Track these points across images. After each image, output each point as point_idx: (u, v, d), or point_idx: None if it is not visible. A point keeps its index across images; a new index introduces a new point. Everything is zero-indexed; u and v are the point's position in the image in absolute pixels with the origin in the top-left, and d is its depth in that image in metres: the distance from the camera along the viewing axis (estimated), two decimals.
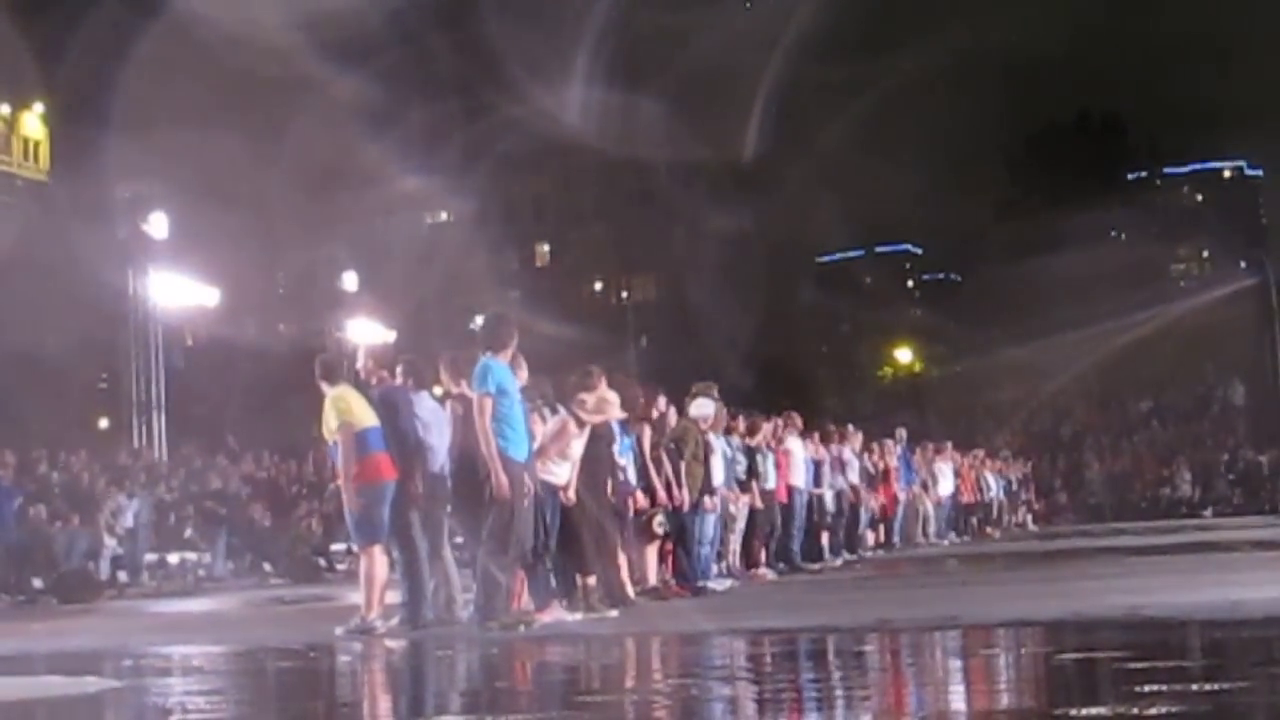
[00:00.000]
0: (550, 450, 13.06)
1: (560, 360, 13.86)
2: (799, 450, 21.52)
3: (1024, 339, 55.75)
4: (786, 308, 69.05)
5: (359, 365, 13.94)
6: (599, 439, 13.97)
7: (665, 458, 16.24)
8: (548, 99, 52.36)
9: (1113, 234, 78.02)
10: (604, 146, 54.38)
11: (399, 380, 13.40)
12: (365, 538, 12.83)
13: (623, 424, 14.94)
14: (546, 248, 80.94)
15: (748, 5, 67.42)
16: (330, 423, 12.72)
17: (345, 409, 12.69)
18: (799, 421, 21.98)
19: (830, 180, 66.55)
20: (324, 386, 12.93)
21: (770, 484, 20.18)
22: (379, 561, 12.77)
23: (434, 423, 13.15)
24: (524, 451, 12.31)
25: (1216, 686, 6.89)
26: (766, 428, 20.36)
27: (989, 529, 34.91)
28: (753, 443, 19.61)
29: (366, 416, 12.81)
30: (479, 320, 44.91)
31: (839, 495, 23.79)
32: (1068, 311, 57.21)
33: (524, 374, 13.02)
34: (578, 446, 13.36)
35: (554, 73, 51.52)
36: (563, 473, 13.30)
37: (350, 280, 40.27)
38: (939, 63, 67.81)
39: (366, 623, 12.47)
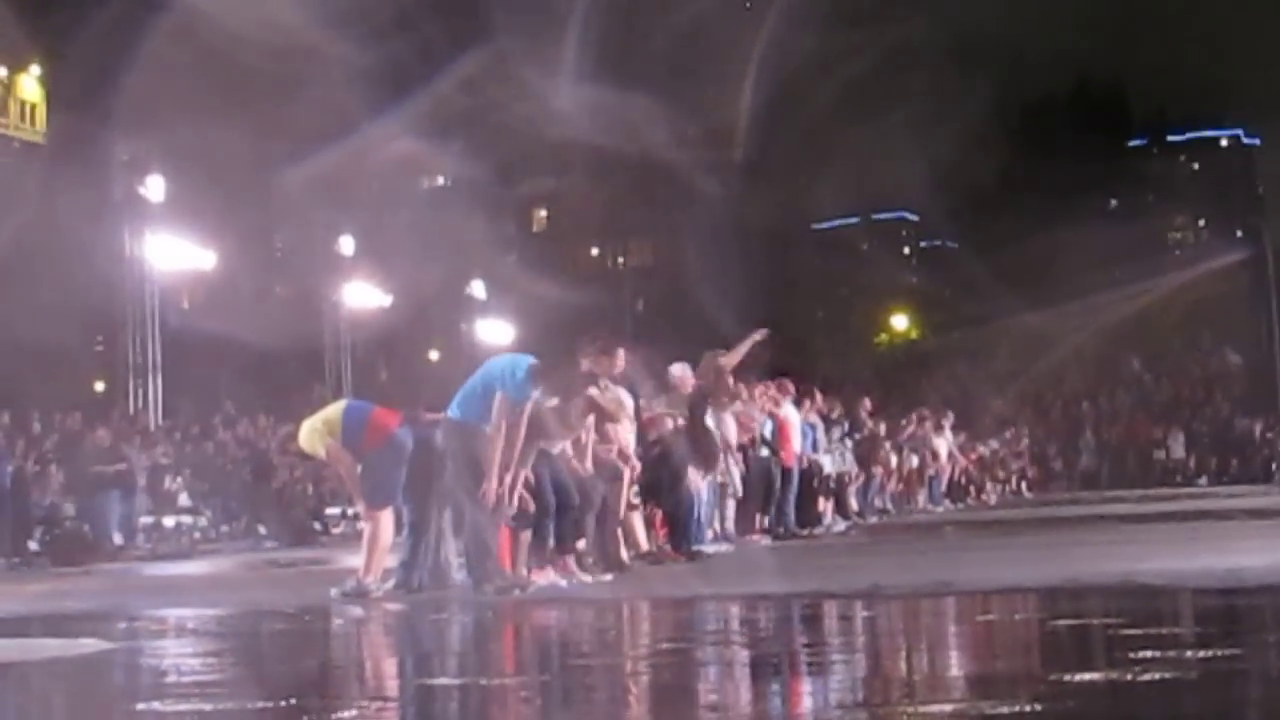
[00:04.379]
0: (549, 422, 12.93)
1: (556, 324, 13.81)
2: (795, 416, 21.53)
3: (1021, 306, 55.73)
4: (783, 273, 69.01)
5: None
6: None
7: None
8: (543, 69, 52.27)
9: (1111, 203, 77.95)
10: (598, 119, 54.35)
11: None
12: (378, 502, 12.74)
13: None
14: (543, 212, 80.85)
15: (748, 6, 67.23)
16: (316, 447, 12.75)
17: (319, 434, 12.69)
18: (791, 387, 21.96)
19: (826, 147, 66.41)
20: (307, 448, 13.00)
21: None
22: (386, 526, 12.69)
23: None
24: None
25: (1210, 653, 6.90)
26: (758, 390, 20.36)
27: (984, 496, 35.01)
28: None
29: (334, 410, 12.86)
30: (474, 285, 45.07)
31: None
32: (1065, 279, 57.18)
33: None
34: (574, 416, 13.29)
35: (548, 41, 51.39)
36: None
37: (347, 244, 40.13)
38: (937, 29, 67.61)
39: (362, 585, 12.43)
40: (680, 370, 17.37)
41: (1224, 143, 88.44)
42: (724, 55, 59.33)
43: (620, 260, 78.47)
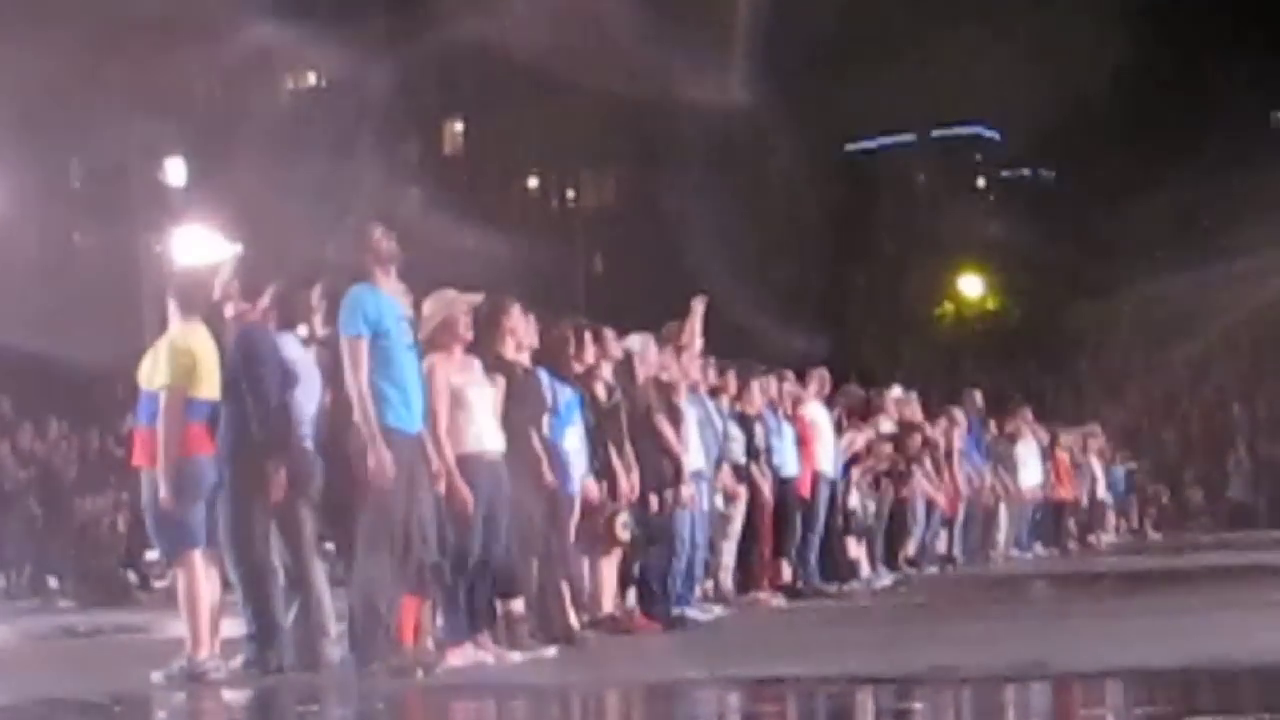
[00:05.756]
0: (438, 409, 12.87)
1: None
2: (825, 422, 21.49)
3: (1146, 270, 55.78)
4: (802, 218, 68.86)
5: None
6: (523, 400, 13.85)
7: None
8: None
9: (1274, 117, 78.13)
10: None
11: (260, 315, 13.15)
12: (176, 542, 12.66)
13: (561, 376, 14.85)
14: (459, 127, 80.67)
15: None
16: (158, 374, 12.54)
17: (187, 363, 12.48)
18: (825, 382, 21.97)
19: (869, 36, 66.40)
20: (173, 317, 12.78)
21: (790, 470, 20.20)
22: (201, 575, 12.59)
23: (302, 376, 12.98)
24: (414, 419, 12.26)
25: None
26: (764, 385, 20.32)
27: (1092, 537, 35.12)
28: (752, 410, 19.59)
29: (210, 384, 12.58)
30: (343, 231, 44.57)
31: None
32: (1210, 234, 57.29)
33: (407, 306, 12.93)
34: (474, 392, 13.19)
35: None
36: (491, 436, 13.18)
37: (176, 171, 40.16)
38: None
39: (195, 664, 12.41)
40: (640, 344, 17.03)
41: None
42: None
43: (570, 197, 78.48)
